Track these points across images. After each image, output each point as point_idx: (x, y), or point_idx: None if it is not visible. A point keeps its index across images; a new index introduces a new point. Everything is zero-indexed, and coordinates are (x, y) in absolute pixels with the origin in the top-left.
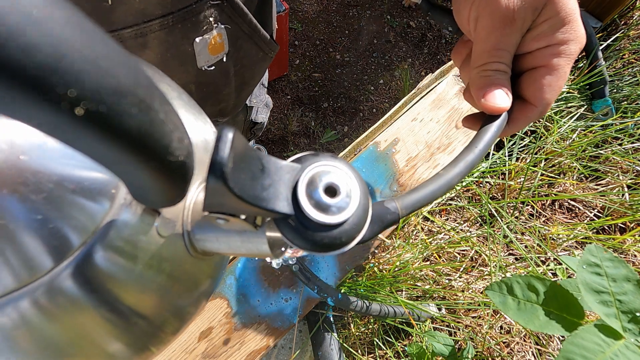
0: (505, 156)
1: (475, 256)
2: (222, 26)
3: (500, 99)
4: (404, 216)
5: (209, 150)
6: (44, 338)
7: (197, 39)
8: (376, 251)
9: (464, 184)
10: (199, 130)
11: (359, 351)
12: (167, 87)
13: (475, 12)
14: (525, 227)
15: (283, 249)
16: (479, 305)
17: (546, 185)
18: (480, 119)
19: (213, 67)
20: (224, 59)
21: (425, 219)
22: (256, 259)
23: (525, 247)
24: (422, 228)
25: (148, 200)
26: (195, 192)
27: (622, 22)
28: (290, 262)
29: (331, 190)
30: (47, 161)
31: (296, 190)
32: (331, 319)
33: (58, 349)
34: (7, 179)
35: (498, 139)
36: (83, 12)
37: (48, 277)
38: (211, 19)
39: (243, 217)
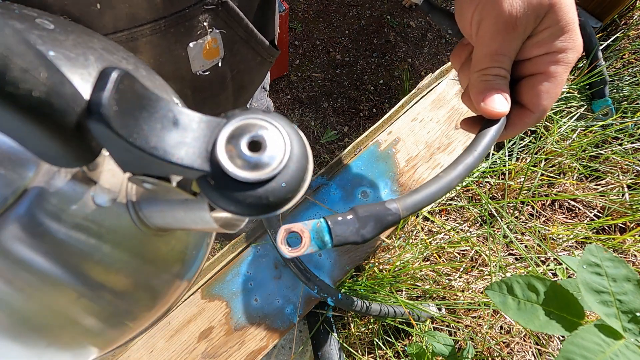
0: (505, 156)
1: (475, 256)
2: (217, 31)
3: (500, 103)
4: (404, 217)
5: None
6: (5, 305)
7: (191, 44)
8: (376, 251)
9: (464, 184)
10: None
11: (359, 351)
12: (122, 60)
13: (478, 15)
14: (525, 227)
15: (238, 221)
16: (479, 305)
17: (546, 185)
18: (479, 122)
19: (208, 72)
20: (220, 64)
21: (425, 219)
22: (253, 256)
23: (525, 247)
24: (422, 228)
25: (47, 157)
26: None
27: (622, 22)
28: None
29: (256, 145)
30: None
31: (215, 145)
32: (331, 319)
33: (25, 318)
34: None
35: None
36: (69, 15)
37: None
38: (205, 23)
39: (175, 182)
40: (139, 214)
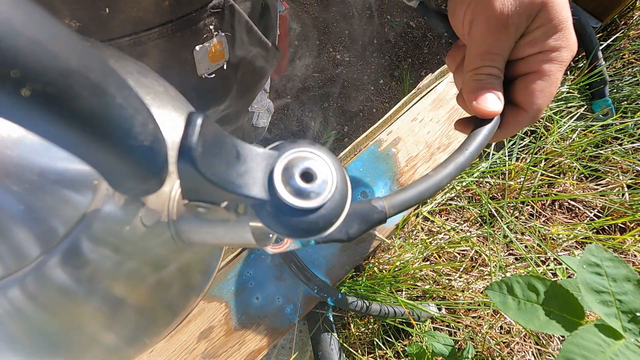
0: (505, 156)
1: (475, 256)
2: (223, 34)
3: (492, 102)
4: (391, 215)
5: None
6: (35, 327)
7: (197, 47)
8: (376, 251)
9: (463, 183)
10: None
11: (359, 351)
12: (153, 82)
13: (470, 15)
14: (525, 227)
15: (270, 236)
16: (479, 305)
17: (546, 185)
18: (472, 123)
19: (213, 75)
20: (225, 67)
21: (425, 219)
22: (253, 256)
23: (525, 247)
24: (422, 228)
25: (124, 187)
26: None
27: (622, 22)
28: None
29: (307, 176)
30: (29, 154)
31: (272, 176)
32: (331, 319)
33: (50, 338)
34: None
35: (490, 143)
36: (79, 20)
37: (33, 266)
38: (211, 27)
39: (224, 205)
40: (178, 231)
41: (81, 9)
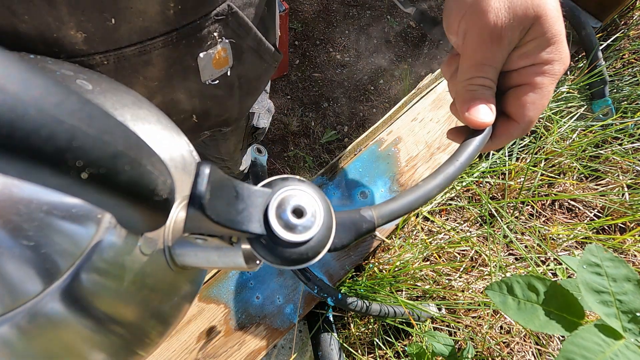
0: (505, 156)
1: (475, 256)
2: (227, 41)
3: (484, 114)
4: (379, 225)
5: (186, 165)
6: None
7: (201, 54)
8: (376, 251)
9: (463, 183)
10: (177, 146)
11: (359, 351)
12: (147, 112)
13: (464, 25)
14: (525, 227)
15: (258, 262)
16: (479, 305)
17: (546, 185)
18: (464, 133)
19: (217, 81)
20: (228, 73)
21: (425, 219)
22: None
23: (525, 247)
24: (422, 228)
25: (134, 228)
26: (176, 211)
27: (622, 22)
28: None
29: (298, 212)
30: (37, 190)
31: (267, 213)
32: (331, 319)
33: None
34: (1, 210)
35: (482, 153)
36: (85, 31)
37: (33, 302)
38: (215, 34)
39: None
40: (172, 256)
41: (87, 20)
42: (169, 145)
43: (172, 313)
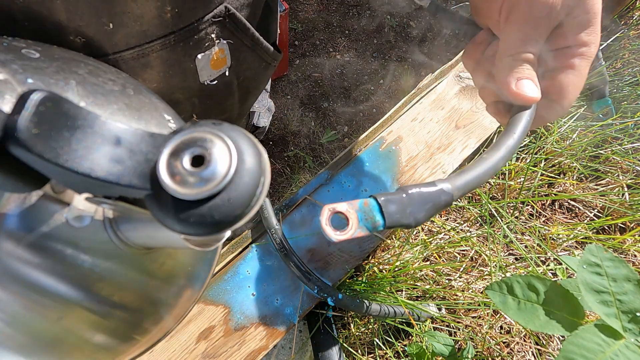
0: None
1: (475, 256)
2: (224, 41)
3: (531, 89)
4: (457, 198)
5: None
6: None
7: (199, 56)
8: (376, 251)
9: None
10: (140, 123)
11: (359, 351)
12: (107, 81)
13: (509, 2)
14: (525, 227)
15: (214, 241)
16: (479, 305)
17: (546, 185)
18: (508, 110)
19: (216, 82)
20: (227, 73)
21: None
22: (253, 255)
23: (525, 247)
24: (422, 228)
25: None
26: None
27: (622, 22)
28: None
29: (200, 161)
30: None
31: (157, 162)
32: (331, 319)
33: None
34: None
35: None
36: (83, 36)
37: None
38: (213, 35)
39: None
40: (118, 233)
41: (86, 25)
42: (122, 117)
43: (166, 299)
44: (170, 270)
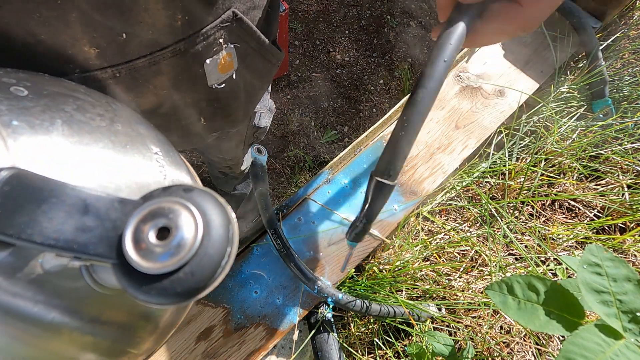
0: (505, 156)
1: (475, 256)
2: (232, 45)
3: None
4: (395, 179)
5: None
6: None
7: (208, 60)
8: (376, 251)
9: (463, 183)
10: (125, 160)
11: (359, 351)
12: (95, 117)
13: None
14: (525, 227)
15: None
16: (479, 305)
17: (546, 185)
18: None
19: (223, 85)
20: (234, 76)
21: (425, 219)
22: (253, 255)
23: (525, 247)
24: (422, 228)
25: None
26: None
27: (622, 22)
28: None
29: (165, 231)
30: None
31: (124, 233)
32: (331, 319)
33: None
34: None
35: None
36: (97, 46)
37: None
38: (221, 40)
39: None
40: (94, 276)
41: (100, 36)
42: (107, 157)
43: (157, 312)
44: (140, 312)
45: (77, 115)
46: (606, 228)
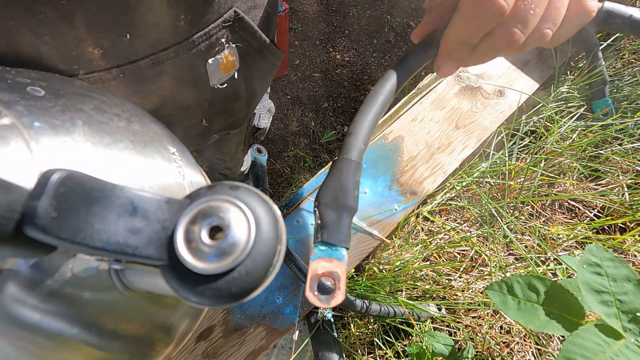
0: (505, 156)
1: (475, 256)
2: (234, 45)
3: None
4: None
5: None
6: None
7: (210, 60)
8: (376, 251)
9: (464, 183)
10: (144, 160)
11: (359, 351)
12: (113, 117)
13: None
14: (525, 227)
15: None
16: (479, 305)
17: (546, 185)
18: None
19: (225, 85)
20: (236, 76)
21: (425, 219)
22: None
23: (525, 247)
24: (422, 228)
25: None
26: None
27: None
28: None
29: (217, 230)
30: None
31: (174, 233)
32: (331, 319)
33: None
34: None
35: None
36: (102, 47)
37: None
38: (223, 40)
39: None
40: (123, 280)
41: (104, 37)
42: (128, 156)
43: (175, 323)
44: (171, 304)
45: (96, 116)
46: (606, 228)
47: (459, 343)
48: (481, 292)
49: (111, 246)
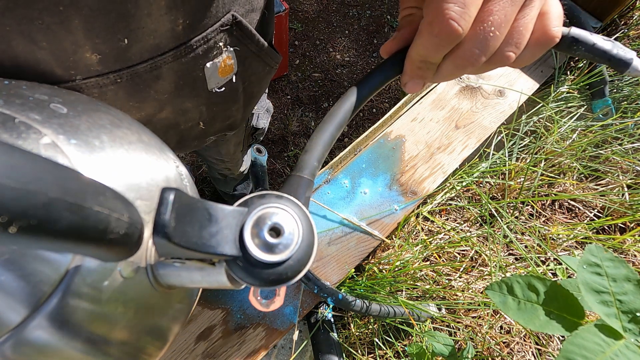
0: (505, 156)
1: (475, 256)
2: (232, 49)
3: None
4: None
5: (169, 184)
6: None
7: (208, 64)
8: (376, 251)
9: (464, 183)
10: (160, 168)
11: (359, 351)
12: (127, 131)
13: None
14: (525, 227)
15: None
16: (479, 305)
17: (546, 185)
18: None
19: (223, 88)
20: (233, 79)
21: (425, 219)
22: None
23: (525, 247)
24: (422, 228)
25: (105, 260)
26: None
27: (622, 22)
28: None
29: (275, 230)
30: None
31: (242, 233)
32: (331, 319)
33: None
34: None
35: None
36: (99, 52)
37: (17, 330)
38: (221, 43)
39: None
40: (156, 276)
41: (102, 42)
42: (150, 167)
43: (165, 331)
44: (171, 306)
45: (114, 131)
46: (606, 228)
47: (459, 343)
48: (481, 292)
49: (201, 247)
